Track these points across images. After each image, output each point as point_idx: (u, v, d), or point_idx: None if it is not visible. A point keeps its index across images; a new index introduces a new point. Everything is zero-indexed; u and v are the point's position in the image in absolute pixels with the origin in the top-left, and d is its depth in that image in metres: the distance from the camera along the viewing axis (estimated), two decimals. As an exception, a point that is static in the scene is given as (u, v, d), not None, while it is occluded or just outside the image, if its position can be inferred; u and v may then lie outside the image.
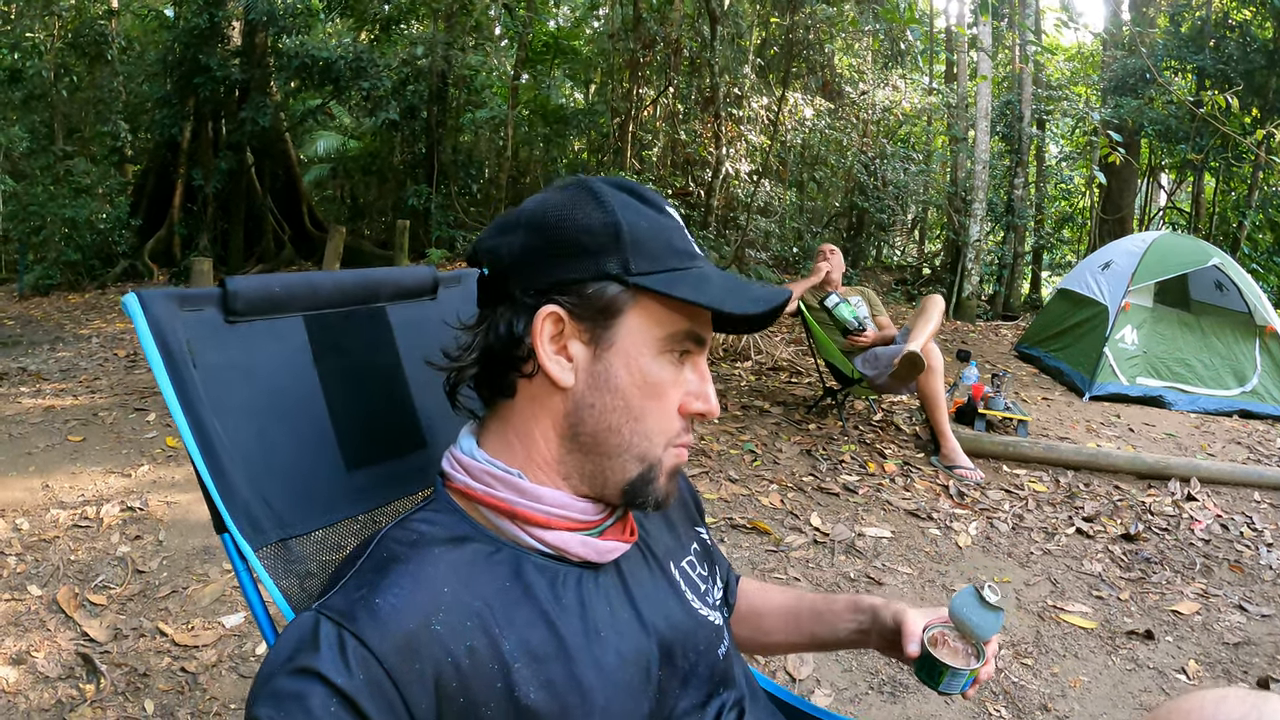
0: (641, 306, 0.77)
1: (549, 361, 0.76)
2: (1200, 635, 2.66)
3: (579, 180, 0.81)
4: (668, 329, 0.78)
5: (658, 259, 0.77)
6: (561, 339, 0.77)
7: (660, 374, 0.78)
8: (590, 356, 0.77)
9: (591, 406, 0.77)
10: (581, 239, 0.76)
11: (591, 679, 0.73)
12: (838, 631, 1.05)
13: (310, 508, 0.89)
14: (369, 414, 0.97)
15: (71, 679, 2.10)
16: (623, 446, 0.78)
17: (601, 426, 0.78)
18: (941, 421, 4.03)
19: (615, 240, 0.75)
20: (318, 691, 0.62)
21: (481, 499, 0.78)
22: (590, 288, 0.75)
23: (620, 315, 0.76)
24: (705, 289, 0.76)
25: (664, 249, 0.78)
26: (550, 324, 0.76)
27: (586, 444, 0.79)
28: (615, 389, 0.77)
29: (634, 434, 0.78)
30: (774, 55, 9.93)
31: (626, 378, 0.77)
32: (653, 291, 0.75)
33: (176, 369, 0.82)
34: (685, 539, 0.97)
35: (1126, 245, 6.68)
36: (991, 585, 0.90)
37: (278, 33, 9.94)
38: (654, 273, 0.76)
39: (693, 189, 8.90)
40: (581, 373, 0.77)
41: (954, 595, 0.92)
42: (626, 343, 0.77)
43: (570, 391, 0.77)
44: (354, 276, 1.01)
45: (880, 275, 11.95)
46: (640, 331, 0.77)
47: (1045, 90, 11.32)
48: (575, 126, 12.03)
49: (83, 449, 3.69)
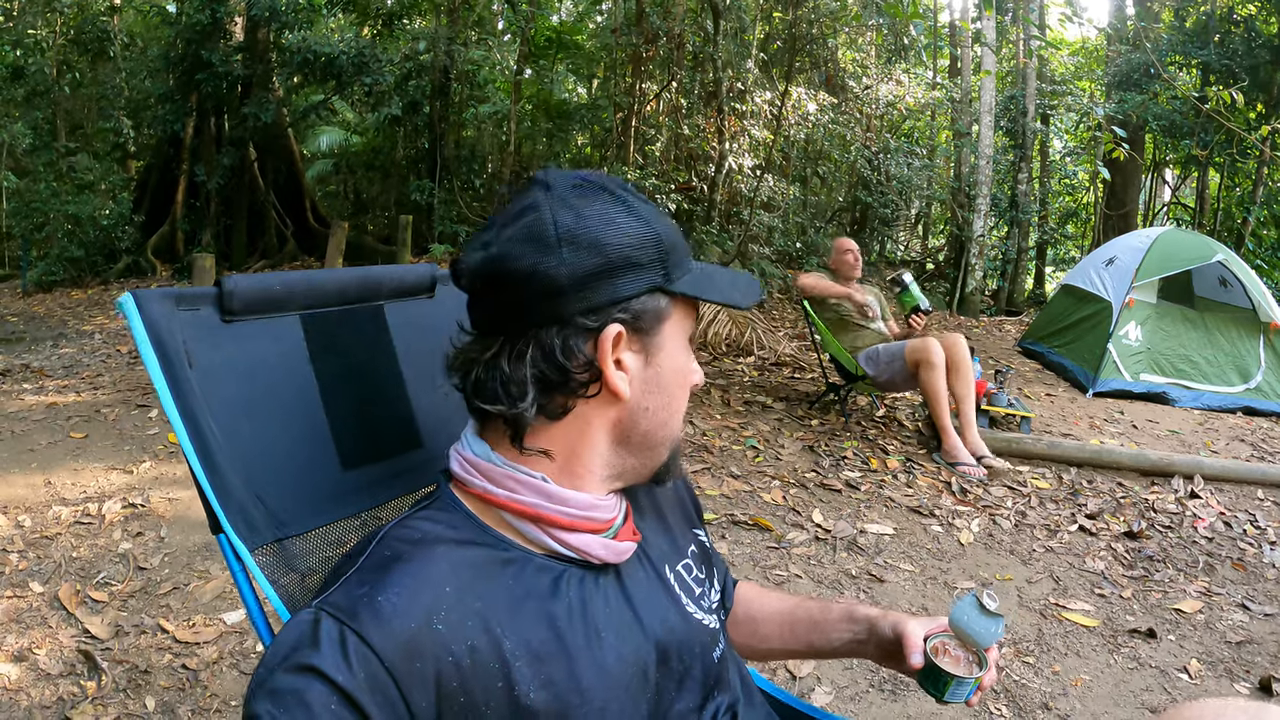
0: (678, 310, 0.81)
1: (615, 378, 0.77)
2: (1203, 634, 2.65)
3: (595, 184, 0.79)
4: (692, 324, 0.84)
5: (682, 262, 0.80)
6: (616, 353, 0.77)
7: (687, 364, 0.84)
8: (643, 364, 0.80)
9: (646, 410, 0.81)
10: (631, 254, 0.76)
11: (592, 679, 0.73)
12: (833, 641, 1.05)
13: (306, 507, 0.89)
14: (365, 413, 0.97)
15: (73, 676, 2.10)
16: (666, 437, 0.84)
17: (654, 425, 0.82)
18: (943, 418, 4.03)
19: (658, 251, 0.78)
20: (317, 689, 0.62)
21: (504, 504, 0.78)
22: (645, 301, 0.77)
23: (666, 322, 0.80)
24: (717, 287, 0.82)
25: (682, 250, 0.81)
26: (614, 341, 0.76)
27: (638, 443, 0.82)
28: (663, 389, 0.81)
29: (675, 424, 0.84)
30: (777, 50, 9.91)
31: (671, 377, 0.82)
32: (687, 295, 0.80)
33: (172, 369, 0.82)
34: (682, 541, 0.97)
35: (1130, 241, 6.67)
36: (990, 593, 0.90)
37: (280, 28, 9.92)
38: (685, 277, 0.80)
39: (696, 184, 8.88)
40: (636, 381, 0.79)
41: (954, 604, 0.92)
42: (669, 345, 0.81)
43: (627, 401, 0.79)
44: (351, 275, 1.01)
45: (884, 270, 11.93)
46: (678, 333, 0.82)
47: (1049, 85, 11.29)
48: (578, 121, 12.01)
49: (85, 445, 3.69)
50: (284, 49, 9.99)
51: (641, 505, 0.95)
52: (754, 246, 8.88)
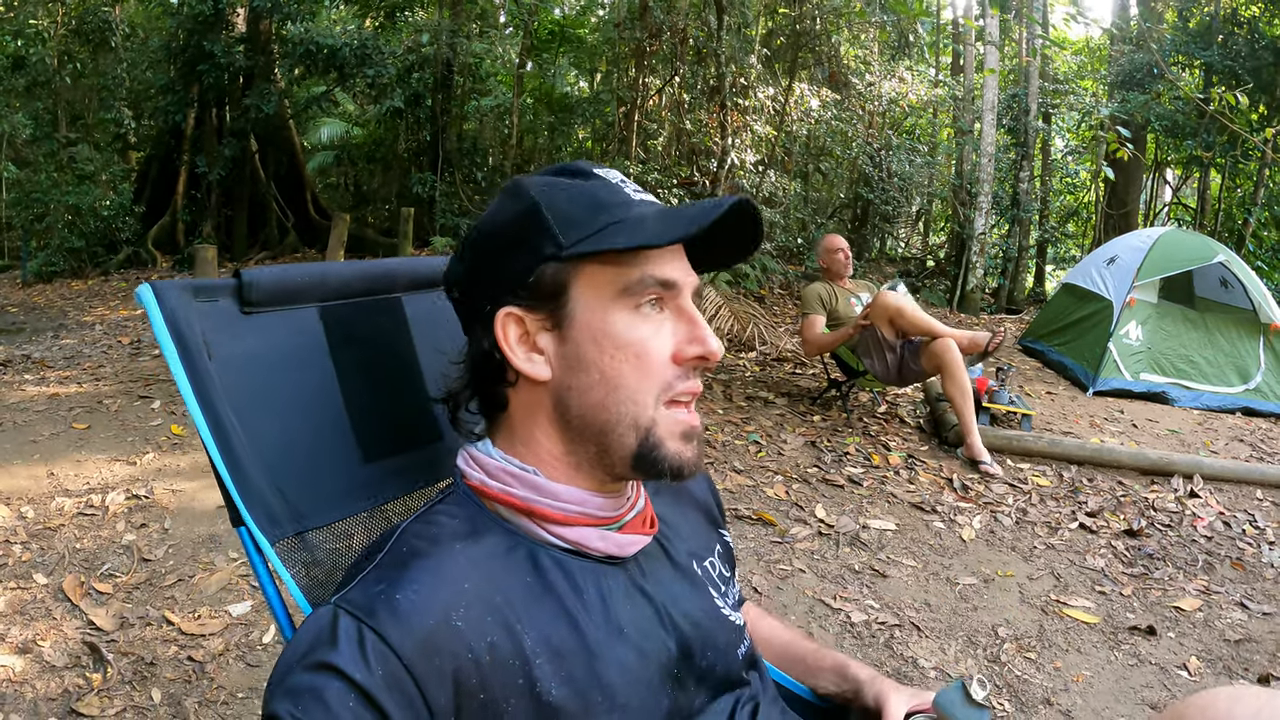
0: (585, 274, 0.75)
1: (521, 362, 0.77)
2: (1202, 632, 2.66)
3: (507, 184, 0.83)
4: (619, 284, 0.75)
5: (587, 223, 0.75)
6: (529, 336, 0.77)
7: (630, 332, 0.75)
8: (557, 341, 0.77)
9: (570, 389, 0.77)
10: (506, 234, 0.78)
11: (613, 676, 0.73)
12: (819, 687, 1.05)
13: (326, 500, 0.89)
14: (384, 405, 0.97)
15: (78, 668, 2.10)
16: (612, 420, 0.76)
17: (586, 405, 0.76)
18: (969, 418, 4.02)
19: (536, 221, 0.76)
20: (335, 687, 0.62)
21: (499, 497, 0.78)
22: (534, 276, 0.75)
23: (567, 290, 0.75)
24: (639, 230, 0.73)
25: (591, 210, 0.76)
26: (512, 325, 0.77)
27: (579, 428, 0.77)
28: (587, 365, 0.76)
29: (618, 403, 0.75)
30: (781, 45, 9.88)
31: (594, 350, 0.75)
32: (589, 255, 0.74)
33: (192, 361, 0.82)
34: (708, 539, 0.97)
35: (1132, 241, 6.68)
36: (980, 679, 0.86)
37: (282, 19, 9.90)
38: (587, 237, 0.74)
39: (698, 179, 8.86)
40: (555, 360, 0.77)
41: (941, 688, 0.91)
42: (584, 315, 0.76)
43: (550, 383, 0.78)
44: (369, 267, 1.01)
45: (884, 267, 11.93)
46: (592, 298, 0.75)
47: (1052, 84, 11.27)
48: (580, 115, 11.98)
49: (88, 436, 3.69)
50: (286, 40, 9.97)
51: (669, 500, 0.95)
52: (755, 242, 8.85)
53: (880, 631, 2.52)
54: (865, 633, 2.51)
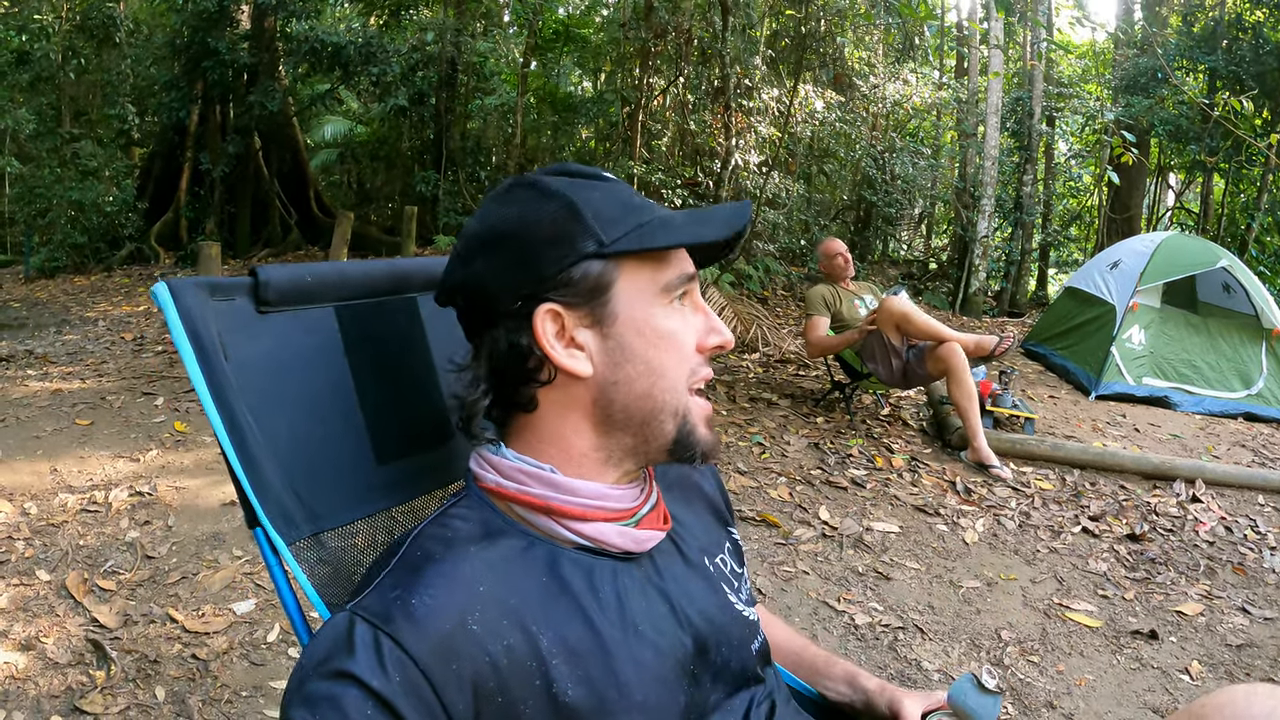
0: (628, 271, 0.77)
1: (564, 359, 0.77)
2: (1203, 636, 2.66)
3: (515, 181, 0.81)
4: (660, 280, 0.78)
5: (623, 221, 0.77)
6: (566, 332, 0.77)
7: (670, 324, 0.79)
8: (599, 337, 0.77)
9: (616, 384, 0.78)
10: (545, 232, 0.76)
11: (630, 674, 0.73)
12: (827, 694, 1.06)
13: (342, 501, 0.89)
14: (400, 406, 0.96)
15: (81, 665, 2.10)
16: (657, 408, 0.79)
17: (632, 397, 0.78)
18: (975, 422, 4.03)
19: (576, 219, 0.76)
20: (353, 694, 0.62)
21: (515, 497, 0.78)
22: (574, 273, 0.75)
23: (612, 287, 0.77)
24: (678, 230, 0.77)
25: (624, 210, 0.78)
26: (551, 322, 0.76)
27: (621, 420, 0.79)
28: (634, 357, 0.77)
29: (663, 391, 0.78)
30: (785, 47, 9.87)
31: (640, 342, 0.78)
32: (633, 252, 0.76)
33: (208, 361, 0.81)
34: (719, 535, 0.97)
35: (1135, 245, 6.67)
36: (990, 669, 0.90)
37: (287, 17, 9.91)
38: (626, 234, 0.76)
39: (702, 180, 8.87)
40: (597, 356, 0.77)
41: (952, 683, 0.92)
42: (629, 310, 0.77)
43: (592, 378, 0.78)
44: (385, 266, 1.01)
45: (887, 269, 11.93)
46: (637, 294, 0.78)
47: (1056, 87, 11.27)
48: (584, 115, 11.97)
49: (91, 433, 3.69)
50: (290, 38, 9.97)
51: (679, 497, 0.95)
52: (758, 243, 8.88)
53: (884, 634, 2.53)
54: (869, 635, 2.51)
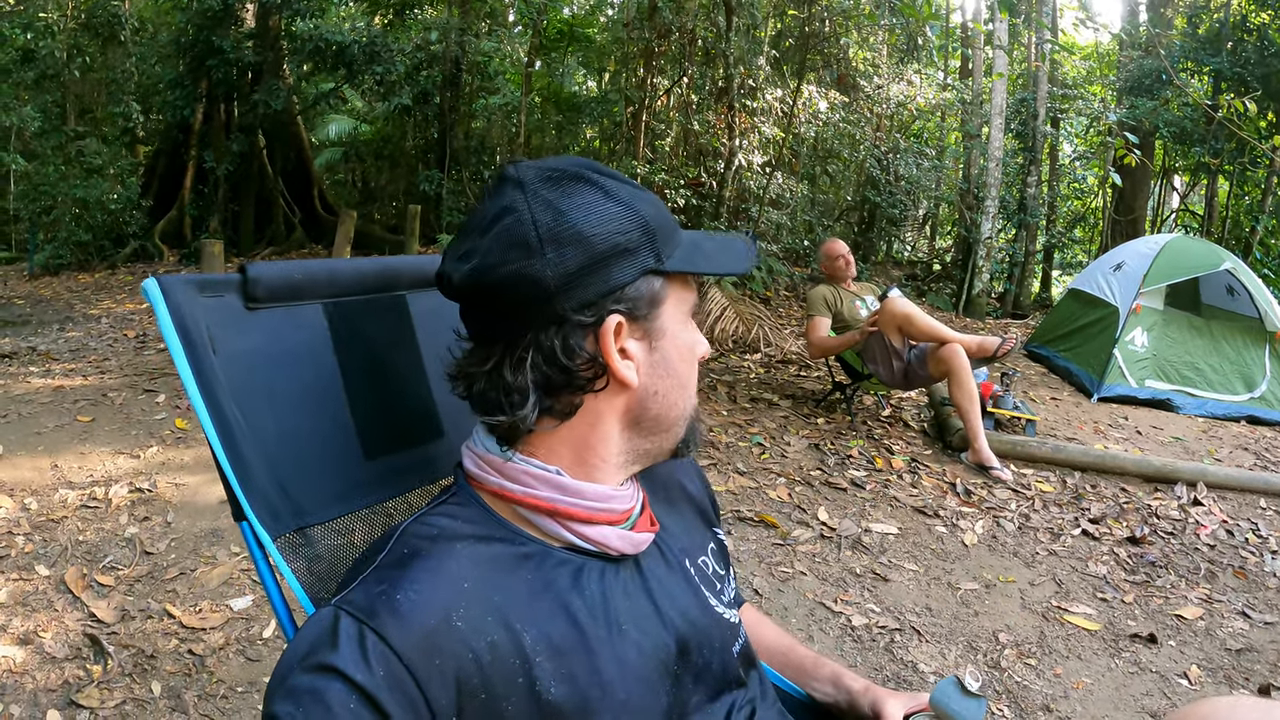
0: (673, 286, 0.80)
1: (621, 368, 0.77)
2: (1203, 640, 2.65)
3: (569, 173, 0.76)
4: (688, 300, 0.83)
5: (671, 239, 0.79)
6: (620, 342, 0.77)
7: (691, 339, 0.83)
8: (647, 350, 0.79)
9: (656, 394, 0.80)
10: (618, 241, 0.74)
11: (613, 673, 0.73)
12: (813, 694, 1.06)
13: (329, 496, 0.89)
14: (388, 402, 0.97)
15: (79, 659, 2.11)
16: (678, 415, 0.83)
17: (665, 406, 0.81)
18: (976, 423, 4.02)
19: (645, 234, 0.76)
20: (336, 688, 0.62)
21: (520, 500, 0.78)
22: (641, 287, 0.76)
23: (665, 303, 0.79)
24: (712, 259, 0.83)
25: (670, 226, 0.80)
26: (614, 332, 0.76)
27: (650, 427, 0.82)
28: (671, 370, 0.81)
29: (685, 400, 0.83)
30: (789, 47, 9.87)
31: (676, 356, 0.81)
32: (681, 272, 0.80)
33: (197, 356, 0.82)
34: (702, 537, 0.97)
35: (1139, 247, 6.66)
36: (973, 672, 0.89)
37: (291, 16, 9.92)
38: (675, 254, 0.79)
39: (705, 180, 8.87)
40: (643, 367, 0.79)
41: (935, 685, 0.92)
42: (672, 326, 0.80)
43: (635, 388, 0.79)
44: (374, 264, 1.01)
45: (891, 270, 11.92)
46: (676, 311, 0.81)
47: (1060, 89, 11.25)
48: (588, 114, 11.96)
49: (92, 429, 3.70)
50: (295, 36, 9.97)
51: (662, 499, 0.95)
52: (762, 244, 8.87)
53: (881, 635, 2.52)
54: (866, 636, 2.51)
